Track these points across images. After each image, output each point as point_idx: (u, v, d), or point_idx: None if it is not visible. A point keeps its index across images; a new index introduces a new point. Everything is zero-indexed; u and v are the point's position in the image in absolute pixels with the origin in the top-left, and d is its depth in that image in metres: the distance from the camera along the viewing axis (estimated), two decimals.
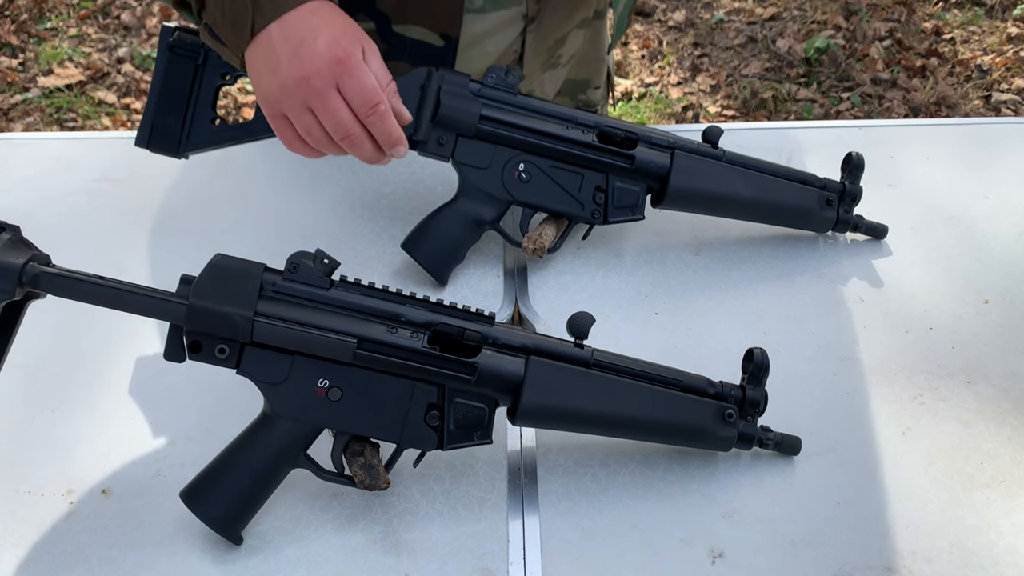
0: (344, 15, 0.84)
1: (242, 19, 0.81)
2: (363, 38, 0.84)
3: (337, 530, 0.79)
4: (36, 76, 2.83)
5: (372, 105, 0.81)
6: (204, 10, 0.83)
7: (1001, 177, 1.14)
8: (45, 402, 0.89)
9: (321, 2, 0.82)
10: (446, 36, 1.02)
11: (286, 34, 0.80)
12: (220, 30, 0.83)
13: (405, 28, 1.02)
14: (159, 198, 1.10)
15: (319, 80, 0.80)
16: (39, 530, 0.79)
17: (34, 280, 0.72)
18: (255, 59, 0.82)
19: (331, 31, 0.80)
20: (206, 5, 0.83)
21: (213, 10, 0.82)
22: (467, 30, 1.05)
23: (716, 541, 0.78)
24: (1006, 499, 0.81)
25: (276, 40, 0.80)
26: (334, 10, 0.84)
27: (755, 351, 0.82)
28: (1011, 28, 3.03)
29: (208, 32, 0.84)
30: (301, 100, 0.81)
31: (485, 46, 1.07)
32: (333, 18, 0.82)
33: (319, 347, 0.74)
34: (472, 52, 1.05)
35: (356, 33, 0.83)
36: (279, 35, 0.80)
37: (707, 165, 0.99)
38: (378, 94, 0.81)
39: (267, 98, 0.83)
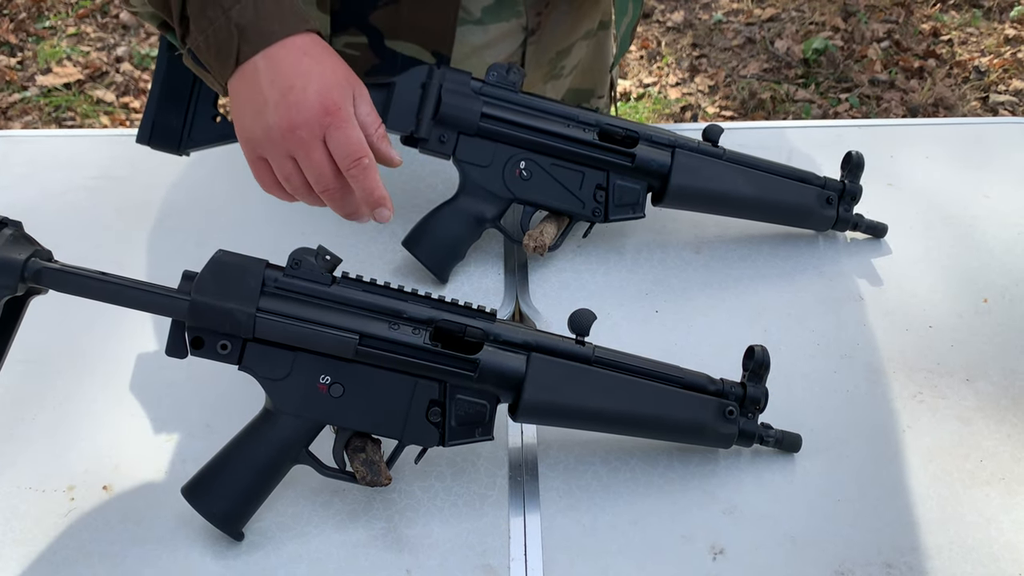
0: (334, 56, 0.81)
1: (227, 47, 0.77)
2: (355, 83, 0.81)
3: (338, 526, 0.79)
4: (35, 75, 2.83)
5: (355, 159, 0.78)
6: (188, 35, 0.80)
7: (1000, 176, 1.14)
8: (46, 398, 0.89)
9: (310, 37, 0.79)
10: (438, 54, 1.03)
11: (275, 75, 0.77)
12: (203, 56, 0.79)
13: (397, 44, 1.02)
14: (160, 195, 1.10)
15: (306, 131, 0.77)
16: (41, 526, 0.79)
17: (36, 276, 0.72)
18: (238, 93, 0.79)
19: (322, 79, 0.78)
20: (190, 30, 0.79)
21: (196, 36, 0.78)
22: (466, 41, 1.05)
23: (717, 538, 0.78)
24: (1005, 496, 0.81)
25: (263, 78, 0.77)
26: (325, 50, 0.80)
27: (756, 348, 0.82)
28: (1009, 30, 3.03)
29: (191, 58, 0.81)
30: (285, 149, 0.79)
31: (483, 57, 1.07)
32: (324, 61, 0.79)
33: (321, 343, 0.74)
34: (469, 63, 1.05)
35: (347, 78, 0.80)
36: (267, 74, 0.77)
37: (708, 164, 0.99)
38: (363, 148, 0.79)
39: (248, 139, 0.80)
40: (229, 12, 0.76)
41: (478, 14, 1.05)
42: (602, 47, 1.22)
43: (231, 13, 0.76)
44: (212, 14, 0.77)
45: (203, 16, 0.77)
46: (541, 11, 1.09)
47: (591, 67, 1.21)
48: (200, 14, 0.77)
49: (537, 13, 1.08)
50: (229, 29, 0.77)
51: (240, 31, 0.77)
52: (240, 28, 0.76)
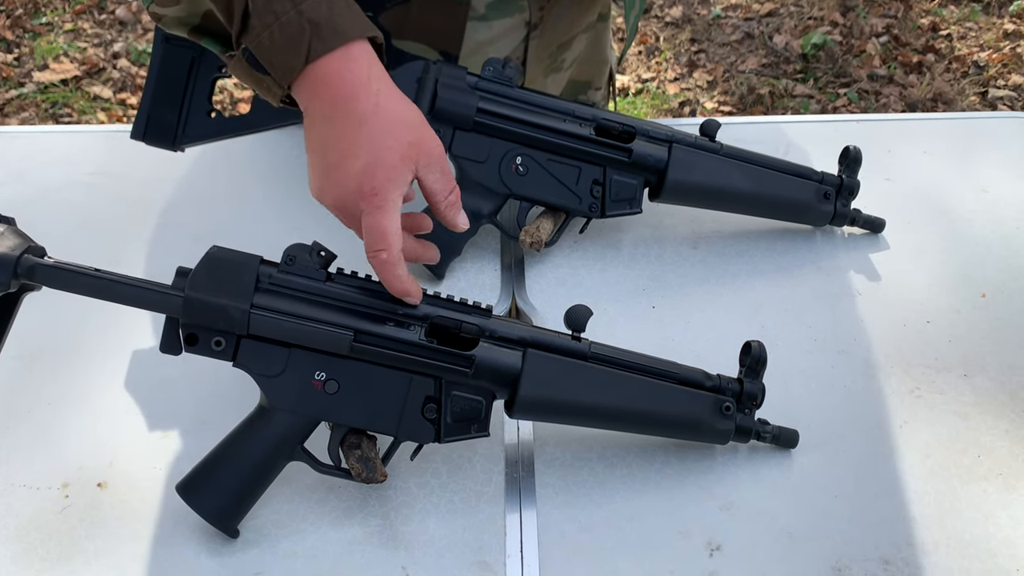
0: (402, 108, 0.76)
1: (296, 43, 0.73)
2: (418, 152, 0.75)
3: (334, 523, 0.79)
4: (31, 71, 2.83)
5: (374, 251, 0.73)
6: (246, 33, 0.74)
7: (998, 171, 1.14)
8: (40, 395, 0.88)
9: (378, 67, 0.75)
10: (445, 54, 1.02)
11: (335, 129, 0.74)
12: (265, 54, 0.73)
13: (404, 44, 1.02)
14: (155, 191, 1.10)
15: (349, 210, 0.75)
16: (35, 523, 0.78)
17: (29, 272, 0.72)
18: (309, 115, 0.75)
19: (373, 153, 0.73)
20: (249, 27, 0.73)
21: (260, 31, 0.73)
22: (471, 37, 1.04)
23: (714, 534, 0.78)
24: (1003, 491, 0.81)
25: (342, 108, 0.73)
26: (393, 97, 0.75)
27: (752, 344, 0.82)
28: (1007, 24, 3.03)
29: (246, 60, 0.75)
30: (342, 214, 0.77)
31: (487, 53, 1.06)
32: (392, 119, 0.74)
33: (316, 340, 0.74)
34: (474, 59, 1.05)
35: (410, 149, 0.74)
36: (327, 109, 0.74)
37: (705, 159, 0.99)
38: (385, 241, 0.73)
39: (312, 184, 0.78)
40: (300, 6, 0.72)
41: (482, 10, 1.04)
42: (600, 39, 1.21)
43: (302, 7, 0.72)
44: (280, 8, 0.72)
45: (269, 11, 0.72)
46: (544, 5, 1.09)
47: (589, 59, 1.21)
48: (266, 8, 0.72)
49: (540, 8, 1.08)
50: (300, 23, 0.72)
51: (312, 26, 0.72)
52: (313, 23, 0.72)
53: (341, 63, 0.74)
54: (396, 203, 0.74)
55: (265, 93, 0.78)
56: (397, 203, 0.74)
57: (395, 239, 0.73)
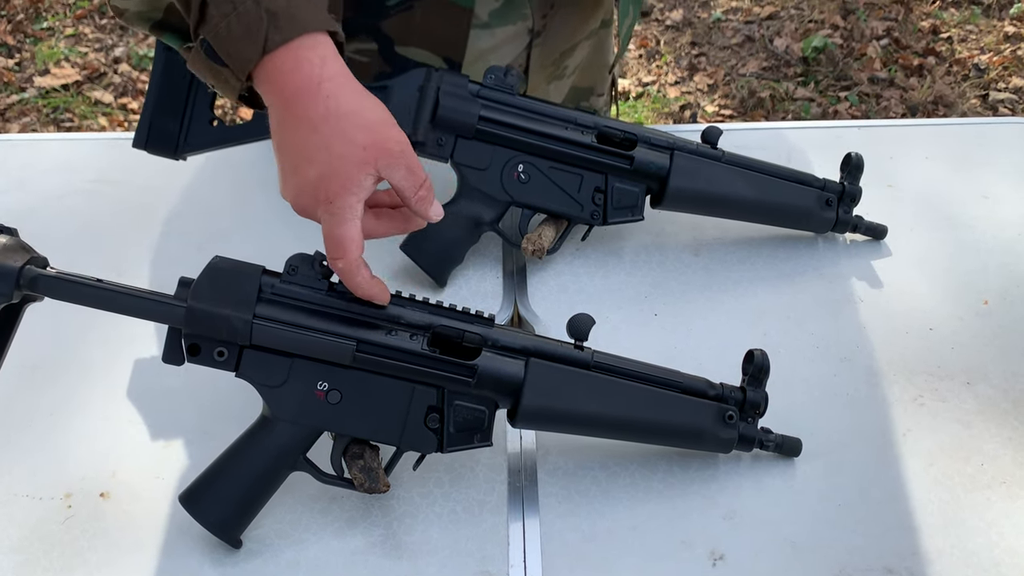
0: (359, 100, 0.74)
1: (253, 33, 0.72)
2: (378, 153, 0.73)
3: (337, 533, 0.79)
4: (32, 76, 2.83)
5: (332, 259, 0.73)
6: (204, 23, 0.73)
7: (1000, 177, 1.14)
8: (43, 405, 0.88)
9: (338, 63, 0.73)
10: (449, 60, 1.02)
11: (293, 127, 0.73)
12: (222, 45, 0.73)
13: (408, 50, 1.01)
14: (157, 199, 1.10)
15: (308, 214, 0.75)
16: (37, 534, 0.78)
17: (32, 283, 0.72)
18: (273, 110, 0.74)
19: (328, 162, 0.72)
20: (207, 17, 0.73)
21: (218, 22, 0.72)
22: (473, 45, 1.04)
23: (717, 543, 0.78)
24: (1007, 500, 0.81)
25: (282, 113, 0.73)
26: (347, 90, 0.73)
27: (755, 352, 0.82)
28: (1008, 27, 3.03)
29: (203, 52, 0.74)
30: (308, 214, 0.76)
31: (490, 61, 1.06)
32: (344, 119, 0.72)
33: (318, 350, 0.74)
34: (477, 67, 1.05)
35: (365, 151, 0.73)
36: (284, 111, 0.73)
37: (706, 166, 0.99)
38: (339, 250, 0.72)
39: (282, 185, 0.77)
40: None
41: (485, 18, 1.04)
42: (603, 45, 1.22)
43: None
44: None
45: (227, 0, 0.71)
46: (547, 13, 1.09)
47: (591, 65, 1.21)
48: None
49: (543, 15, 1.08)
50: (258, 13, 0.71)
51: (270, 16, 0.71)
52: (270, 13, 0.71)
53: (296, 56, 0.72)
54: (354, 209, 0.72)
55: (223, 87, 0.76)
56: (355, 209, 0.73)
57: (352, 246, 0.72)
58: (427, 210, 0.77)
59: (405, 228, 0.81)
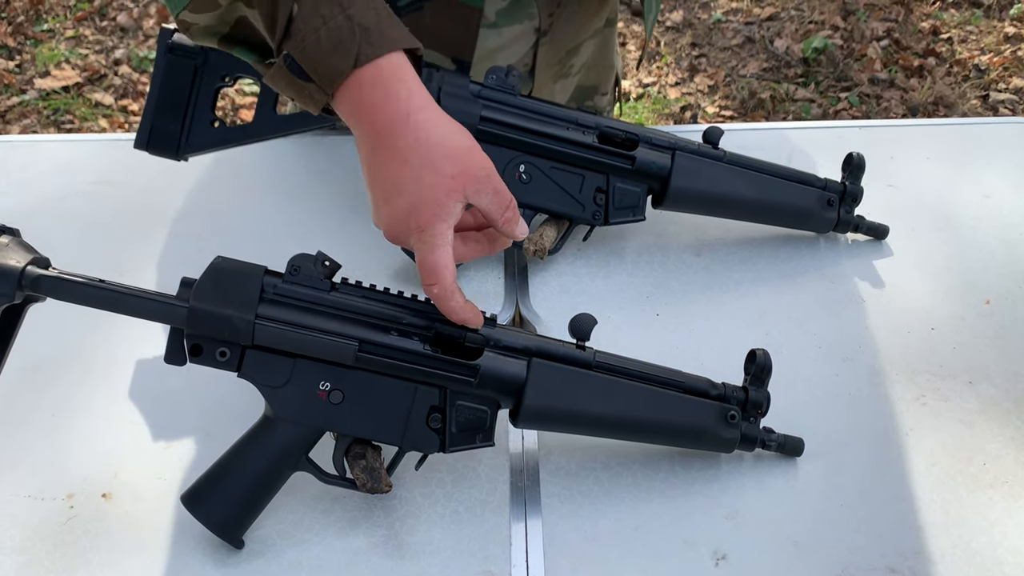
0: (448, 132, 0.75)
1: (346, 46, 0.72)
2: (466, 180, 0.74)
3: (339, 533, 0.79)
4: (33, 78, 2.83)
5: (427, 284, 0.74)
6: (289, 39, 0.72)
7: (1001, 177, 1.14)
8: (45, 406, 0.88)
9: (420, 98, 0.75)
10: (458, 60, 1.02)
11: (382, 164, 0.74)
12: (310, 59, 0.72)
13: None
14: (158, 200, 1.10)
15: (397, 243, 0.78)
16: (40, 534, 0.78)
17: (34, 283, 0.72)
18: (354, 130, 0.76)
19: (419, 191, 0.73)
20: (292, 33, 0.72)
21: (307, 35, 0.71)
22: (481, 45, 1.04)
23: (719, 543, 0.78)
24: (1009, 499, 0.81)
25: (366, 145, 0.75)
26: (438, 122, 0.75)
27: (757, 352, 0.82)
28: (1008, 28, 3.03)
29: (288, 68, 0.73)
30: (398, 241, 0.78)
31: (497, 60, 1.07)
32: (434, 150, 0.74)
33: (320, 350, 0.74)
34: (484, 66, 1.04)
35: (453, 180, 0.74)
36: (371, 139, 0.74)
37: (708, 166, 0.99)
38: (434, 276, 0.73)
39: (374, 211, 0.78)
40: (349, 11, 0.72)
41: (493, 17, 1.05)
42: (608, 44, 1.22)
43: (351, 12, 0.72)
44: (327, 12, 0.71)
45: (316, 15, 0.71)
46: (553, 12, 1.09)
47: (597, 64, 1.21)
48: (313, 12, 0.71)
49: (549, 14, 1.08)
50: (351, 27, 0.72)
51: (363, 31, 0.72)
52: (363, 28, 0.72)
53: (384, 88, 0.73)
54: (445, 236, 0.74)
55: (306, 101, 0.76)
56: (446, 236, 0.74)
57: (445, 273, 0.74)
58: (514, 230, 0.79)
59: (492, 250, 0.82)
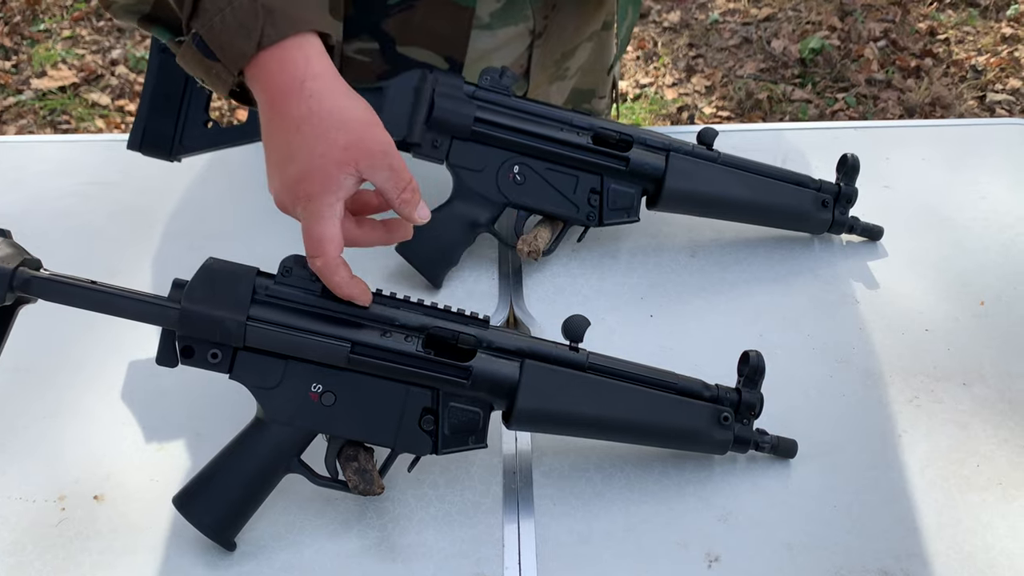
0: (342, 102, 0.73)
1: (249, 27, 0.71)
2: (359, 154, 0.72)
3: (331, 535, 0.78)
4: (29, 78, 2.82)
5: (311, 257, 0.73)
6: (196, 17, 0.72)
7: (996, 178, 1.14)
8: (37, 408, 0.88)
9: (326, 62, 0.73)
10: (451, 60, 1.02)
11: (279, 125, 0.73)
12: (215, 39, 0.72)
13: (409, 50, 1.01)
14: (152, 201, 1.10)
15: (286, 213, 0.75)
16: (31, 536, 0.78)
17: (25, 285, 0.71)
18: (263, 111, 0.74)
19: (309, 159, 0.72)
20: (199, 11, 0.72)
21: (212, 15, 0.71)
22: (474, 46, 1.04)
23: (712, 545, 0.78)
24: (1002, 502, 0.81)
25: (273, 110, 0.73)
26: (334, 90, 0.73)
27: (751, 354, 0.82)
28: (1005, 28, 3.03)
29: (195, 47, 0.73)
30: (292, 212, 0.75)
31: (491, 61, 1.06)
32: (327, 119, 0.72)
33: (312, 351, 0.74)
34: (478, 68, 1.04)
35: (345, 152, 0.72)
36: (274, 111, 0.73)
37: (702, 167, 0.99)
38: (318, 248, 0.72)
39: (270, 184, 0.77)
40: None
41: (487, 19, 1.04)
42: (604, 47, 1.22)
43: None
44: None
45: None
46: (548, 14, 1.09)
47: (593, 67, 1.21)
48: None
49: (544, 16, 1.08)
50: (254, 8, 0.71)
51: (266, 11, 0.71)
52: (267, 8, 0.71)
53: (282, 56, 0.72)
54: (332, 208, 0.72)
55: (214, 82, 0.75)
56: (334, 208, 0.72)
57: (330, 245, 0.72)
58: (412, 212, 0.76)
59: (389, 239, 0.80)
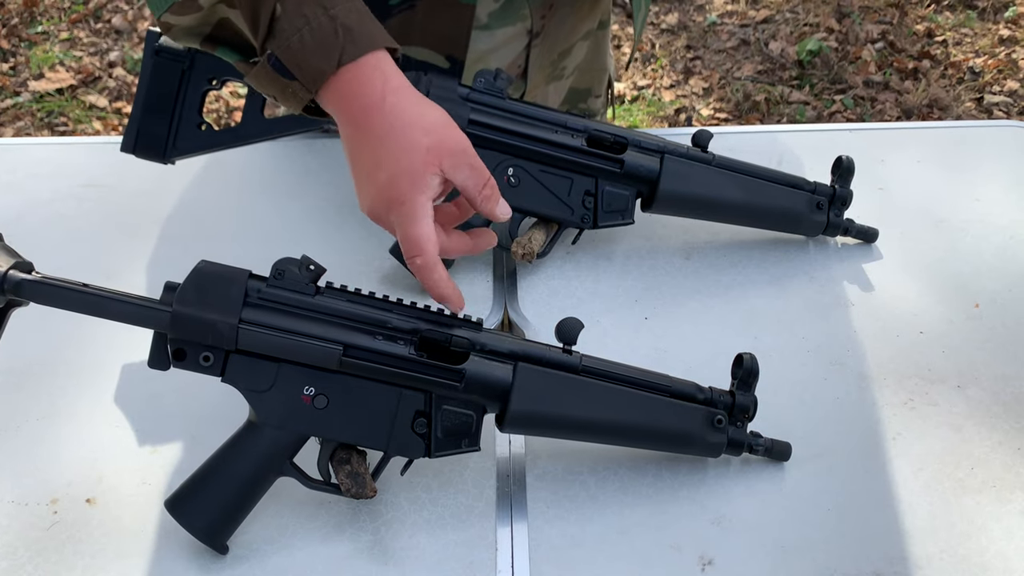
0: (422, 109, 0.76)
1: (329, 46, 0.73)
2: (442, 154, 0.75)
3: (324, 539, 0.78)
4: (27, 80, 2.83)
5: (410, 257, 0.75)
6: (272, 38, 0.73)
7: (991, 180, 1.14)
8: (29, 410, 0.88)
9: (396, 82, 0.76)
10: (452, 58, 1.02)
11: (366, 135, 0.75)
12: (293, 58, 0.73)
13: (410, 49, 1.01)
14: (146, 204, 1.09)
15: (382, 220, 0.77)
16: (23, 540, 0.78)
17: (16, 288, 0.71)
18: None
19: (396, 163, 0.74)
20: (275, 32, 0.73)
21: (290, 35, 0.73)
22: (473, 47, 1.04)
23: (706, 548, 0.78)
24: (996, 504, 0.81)
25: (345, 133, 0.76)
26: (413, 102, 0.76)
27: (744, 356, 0.82)
28: (1003, 30, 3.04)
29: (272, 66, 0.74)
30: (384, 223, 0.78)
31: (490, 62, 1.07)
32: (410, 126, 0.75)
33: (305, 354, 0.74)
34: (477, 68, 1.05)
35: (428, 153, 0.75)
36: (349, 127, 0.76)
37: (697, 169, 0.99)
38: (417, 248, 0.74)
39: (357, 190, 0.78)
40: (332, 11, 0.73)
41: (485, 19, 1.05)
42: (600, 47, 1.22)
43: (334, 12, 0.73)
44: (310, 12, 0.73)
45: (299, 14, 0.73)
46: (545, 14, 1.09)
47: (590, 66, 1.22)
48: (296, 12, 0.73)
49: (541, 16, 1.09)
50: (334, 28, 0.73)
51: (346, 31, 0.73)
52: (346, 28, 0.73)
53: (361, 77, 0.75)
54: (425, 208, 0.75)
55: (289, 100, 0.77)
56: (426, 207, 0.75)
57: (428, 244, 0.75)
58: (493, 208, 0.79)
59: (475, 247, 0.82)
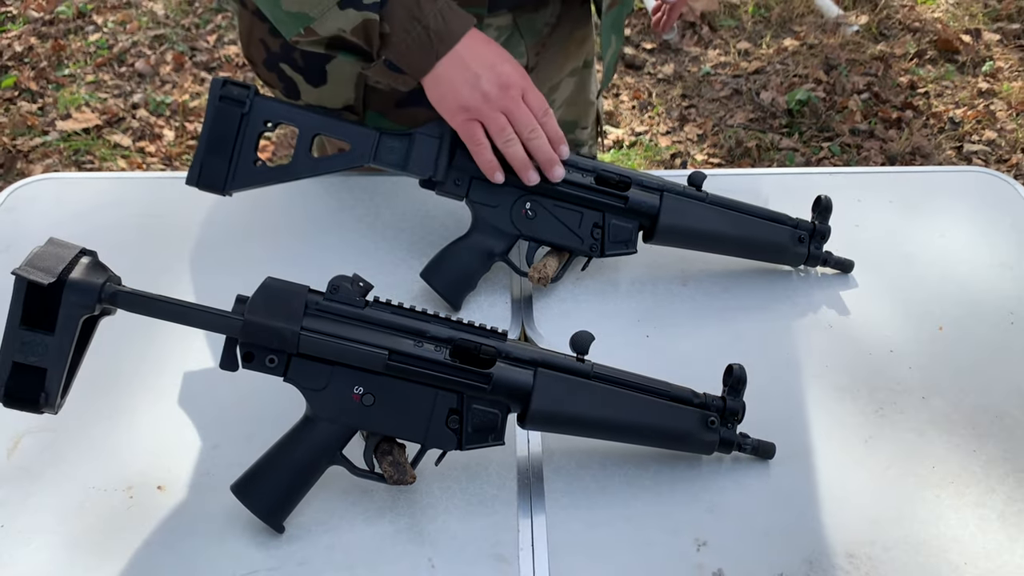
0: (499, 47, 1.04)
1: (427, 49, 1.00)
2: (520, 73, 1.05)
3: (367, 521, 0.89)
4: (55, 120, 2.96)
5: (544, 109, 1.03)
6: (386, 48, 1.01)
7: (954, 219, 1.26)
8: (108, 409, 0.99)
9: (478, 34, 1.02)
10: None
11: (475, 57, 1.01)
12: (404, 59, 1.01)
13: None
14: (200, 232, 1.20)
15: (515, 91, 1.02)
16: (105, 521, 0.89)
17: (112, 298, 0.83)
18: (447, 77, 1.01)
19: (508, 59, 1.03)
20: (389, 43, 1.00)
21: (399, 45, 1.00)
22: None
23: (701, 532, 0.89)
24: (954, 497, 0.92)
25: (469, 61, 1.01)
26: (491, 42, 1.04)
27: (734, 366, 0.93)
28: (981, 83, 3.17)
29: (387, 66, 1.03)
30: (500, 105, 1.01)
31: None
32: (499, 50, 1.03)
33: (356, 358, 0.85)
34: None
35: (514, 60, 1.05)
36: (469, 57, 1.01)
37: (692, 206, 1.10)
38: (545, 102, 1.04)
39: (466, 106, 1.01)
40: (424, 23, 0.99)
41: None
42: (585, 83, 1.37)
43: (426, 23, 0.99)
44: (410, 27, 0.99)
45: (403, 30, 0.99)
46: (539, 51, 1.23)
47: (576, 100, 1.36)
48: (401, 29, 0.99)
49: (536, 53, 1.23)
50: (428, 35, 0.99)
51: (437, 37, 1.00)
52: (437, 33, 0.99)
53: (466, 49, 1.01)
54: None
55: (400, 84, 1.06)
56: None
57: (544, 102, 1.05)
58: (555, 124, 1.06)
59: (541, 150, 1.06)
